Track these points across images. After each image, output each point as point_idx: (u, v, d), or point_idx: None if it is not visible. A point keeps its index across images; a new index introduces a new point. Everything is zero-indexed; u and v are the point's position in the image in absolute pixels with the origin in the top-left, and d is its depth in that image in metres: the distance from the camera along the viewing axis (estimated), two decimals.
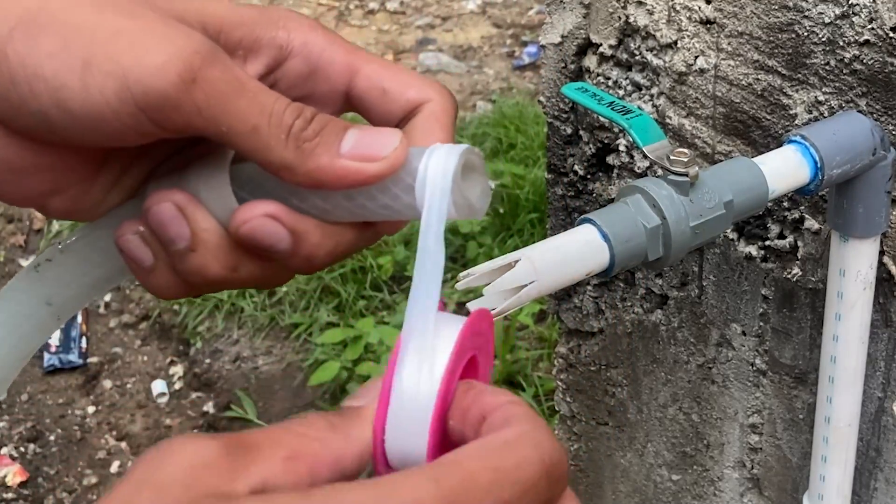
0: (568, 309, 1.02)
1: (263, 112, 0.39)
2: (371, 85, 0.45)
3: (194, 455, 0.32)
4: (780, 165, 0.65)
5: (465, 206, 0.40)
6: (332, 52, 0.45)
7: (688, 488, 0.99)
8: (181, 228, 0.42)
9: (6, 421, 2.30)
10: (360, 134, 0.40)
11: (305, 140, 0.40)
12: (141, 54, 0.38)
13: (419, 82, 0.45)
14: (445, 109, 0.45)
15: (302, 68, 0.45)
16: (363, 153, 0.40)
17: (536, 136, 2.87)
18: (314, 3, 4.34)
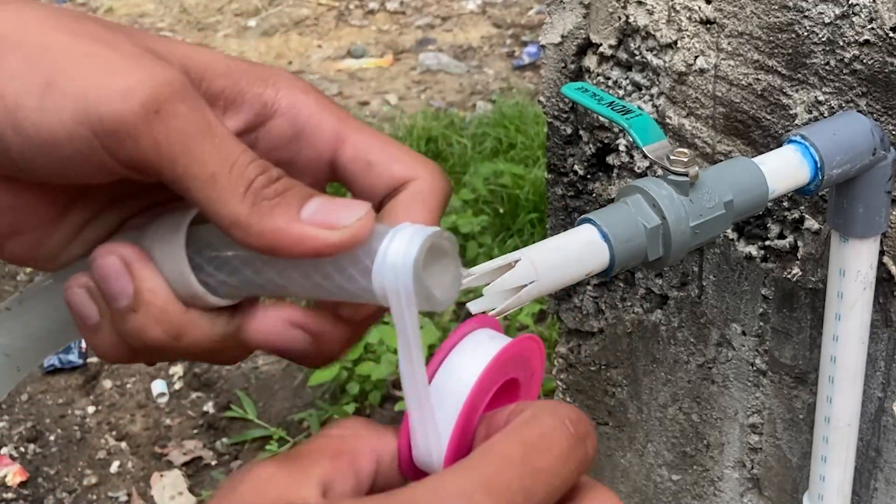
0: (568, 309, 1.02)
1: (226, 160, 0.37)
2: (357, 156, 0.43)
3: (258, 475, 0.34)
4: (780, 165, 0.65)
5: (424, 297, 0.37)
6: (321, 117, 0.43)
7: (688, 488, 0.99)
8: (124, 285, 0.39)
9: (6, 421, 2.30)
10: (324, 201, 0.38)
11: (264, 198, 0.37)
12: (108, 77, 0.36)
13: (409, 158, 0.43)
14: (434, 189, 0.42)
15: (286, 130, 0.42)
16: (322, 220, 0.37)
17: (536, 136, 2.87)
18: (314, 3, 4.34)
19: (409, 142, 2.96)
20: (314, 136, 0.43)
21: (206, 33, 4.14)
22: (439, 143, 2.98)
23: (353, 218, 0.37)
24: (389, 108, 3.46)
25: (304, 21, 4.21)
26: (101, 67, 0.36)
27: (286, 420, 2.22)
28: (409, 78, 3.71)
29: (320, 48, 3.99)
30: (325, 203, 0.38)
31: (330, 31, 4.12)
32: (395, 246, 0.37)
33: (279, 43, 4.04)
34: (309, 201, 0.37)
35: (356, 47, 3.94)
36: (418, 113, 3.26)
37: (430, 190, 0.42)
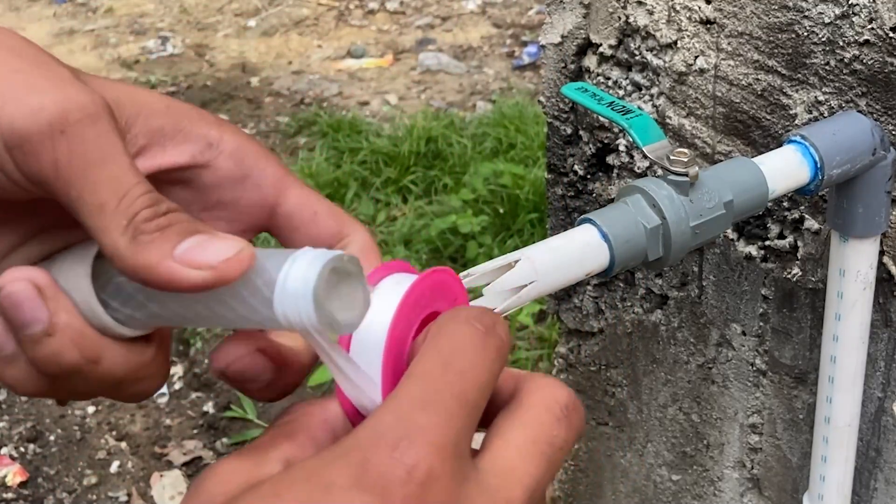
0: (568, 309, 1.02)
1: (117, 191, 0.37)
2: (303, 204, 0.44)
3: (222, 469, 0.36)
4: (780, 165, 0.65)
5: (327, 324, 0.37)
6: (266, 163, 0.44)
7: (688, 488, 0.99)
8: (37, 310, 0.38)
9: (6, 421, 2.30)
10: (203, 239, 0.37)
11: (143, 232, 0.37)
12: (26, 93, 0.37)
13: (345, 215, 0.45)
14: (372, 243, 0.45)
15: (233, 170, 0.43)
16: (191, 259, 0.37)
17: (536, 136, 2.87)
18: (314, 3, 4.34)
19: (410, 142, 2.96)
20: (260, 179, 0.43)
21: (206, 33, 4.14)
22: (439, 143, 2.97)
23: (221, 257, 0.37)
24: (389, 108, 3.46)
25: (304, 21, 4.21)
26: (24, 84, 0.37)
27: None
28: (409, 78, 3.71)
29: (320, 48, 3.99)
30: (203, 240, 0.37)
31: (330, 31, 4.12)
32: (295, 272, 0.36)
33: (279, 43, 4.04)
34: (188, 238, 0.37)
35: (356, 47, 3.94)
36: (418, 113, 3.26)
37: (370, 243, 0.45)
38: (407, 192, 2.85)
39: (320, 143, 3.14)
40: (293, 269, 0.36)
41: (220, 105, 3.57)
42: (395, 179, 2.88)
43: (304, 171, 2.93)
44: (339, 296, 0.38)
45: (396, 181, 2.88)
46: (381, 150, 2.96)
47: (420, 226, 2.63)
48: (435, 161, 2.93)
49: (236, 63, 3.88)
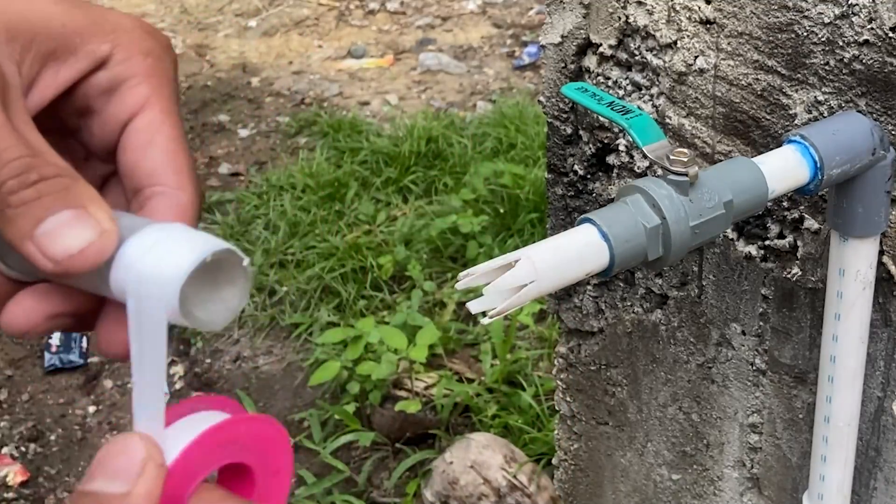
0: (568, 309, 1.02)
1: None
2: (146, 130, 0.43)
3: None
4: (779, 165, 0.65)
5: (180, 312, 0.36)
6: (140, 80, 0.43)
7: (688, 488, 0.99)
8: None
9: (7, 420, 2.30)
10: (66, 218, 0.37)
11: (8, 205, 0.37)
12: None
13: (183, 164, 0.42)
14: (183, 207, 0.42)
15: (104, 82, 0.43)
16: (45, 247, 0.37)
17: (536, 136, 2.87)
18: (314, 3, 4.34)
19: (410, 142, 2.96)
20: (126, 94, 0.43)
21: (206, 33, 4.14)
22: (439, 143, 2.97)
23: (76, 247, 0.37)
24: (390, 108, 3.46)
25: (305, 21, 4.21)
26: None
27: (286, 420, 2.22)
28: (409, 78, 3.71)
29: (321, 48, 3.99)
30: (67, 220, 0.37)
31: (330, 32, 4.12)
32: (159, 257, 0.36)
33: (280, 43, 4.04)
34: (53, 216, 0.37)
35: (356, 47, 3.94)
36: (418, 113, 3.26)
37: (182, 208, 0.42)
38: (407, 191, 2.85)
39: (321, 143, 3.14)
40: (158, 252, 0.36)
41: (221, 105, 3.57)
42: (396, 179, 2.88)
43: (305, 170, 2.93)
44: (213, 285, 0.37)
45: (397, 181, 2.88)
46: (382, 150, 2.96)
47: (420, 226, 2.63)
48: (435, 161, 2.93)
49: (237, 63, 3.88)
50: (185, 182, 0.42)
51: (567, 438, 1.10)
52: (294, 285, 2.51)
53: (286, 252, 2.63)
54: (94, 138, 0.44)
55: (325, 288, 2.50)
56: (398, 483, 2.02)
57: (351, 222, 2.72)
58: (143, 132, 0.43)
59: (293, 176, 2.92)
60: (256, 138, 3.35)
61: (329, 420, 2.16)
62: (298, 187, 2.87)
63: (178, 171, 0.42)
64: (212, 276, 0.37)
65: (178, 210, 0.42)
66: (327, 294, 2.50)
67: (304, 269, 2.56)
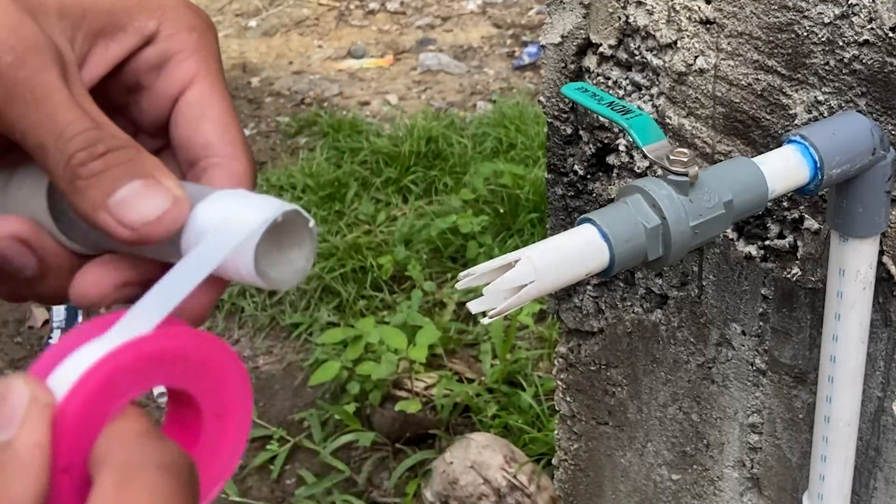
0: (568, 309, 1.02)
1: (54, 130, 0.37)
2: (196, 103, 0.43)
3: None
4: (779, 165, 0.65)
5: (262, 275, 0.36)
6: (188, 55, 0.43)
7: (688, 488, 0.99)
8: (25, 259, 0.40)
9: None
10: (137, 188, 0.38)
11: (79, 177, 0.37)
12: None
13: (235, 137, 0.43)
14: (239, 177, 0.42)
15: (153, 58, 0.43)
16: (121, 215, 0.37)
17: (536, 136, 2.87)
18: (315, 3, 4.34)
19: (410, 142, 2.96)
20: (174, 69, 0.43)
21: None
22: (439, 143, 2.97)
23: (151, 215, 0.37)
24: (390, 108, 3.46)
25: (305, 21, 4.21)
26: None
27: (286, 420, 2.22)
28: (409, 78, 3.71)
29: (321, 48, 3.99)
30: (138, 190, 0.38)
31: (330, 32, 4.12)
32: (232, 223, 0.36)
33: (280, 43, 4.04)
34: (124, 186, 0.38)
35: (356, 47, 3.94)
36: (418, 113, 3.26)
37: (239, 178, 0.42)
38: (407, 191, 2.85)
39: (321, 144, 3.14)
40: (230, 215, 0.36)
41: None
42: (396, 179, 2.88)
43: (305, 170, 2.93)
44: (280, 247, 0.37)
45: (397, 181, 2.88)
46: (382, 150, 2.96)
47: (420, 226, 2.63)
48: (435, 161, 2.93)
49: (237, 63, 3.88)
50: (239, 152, 0.43)
51: (567, 438, 1.10)
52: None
53: None
54: (144, 114, 0.45)
55: (325, 288, 2.50)
56: (398, 483, 2.01)
57: (351, 222, 2.72)
58: (194, 106, 0.43)
59: (293, 176, 2.92)
60: (256, 138, 3.35)
61: (329, 420, 2.15)
62: (298, 187, 2.87)
63: (231, 142, 0.43)
64: (278, 238, 0.37)
65: (235, 179, 0.42)
66: (327, 294, 2.50)
67: None
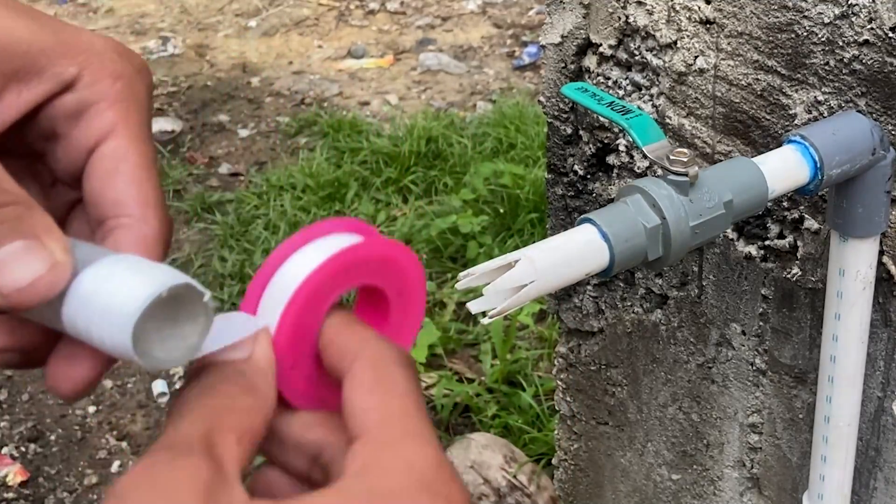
0: (568, 309, 1.02)
1: None
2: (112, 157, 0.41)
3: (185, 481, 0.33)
4: (779, 165, 0.65)
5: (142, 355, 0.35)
6: (110, 105, 0.41)
7: (688, 488, 0.99)
8: None
9: (7, 421, 2.30)
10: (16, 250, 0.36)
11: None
12: None
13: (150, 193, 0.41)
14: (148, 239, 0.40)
15: (71, 106, 0.41)
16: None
17: (536, 136, 2.87)
18: (314, 3, 4.34)
19: (410, 142, 2.96)
20: (93, 118, 0.41)
21: (206, 33, 4.14)
22: (439, 143, 2.97)
23: (25, 280, 0.36)
24: (390, 108, 3.46)
25: (305, 21, 4.21)
26: None
27: None
28: (409, 78, 3.71)
29: (321, 48, 3.99)
30: (17, 252, 0.36)
31: (330, 32, 4.12)
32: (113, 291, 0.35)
33: (280, 43, 4.04)
34: (2, 246, 0.36)
35: (356, 47, 3.94)
36: (418, 113, 3.26)
37: (148, 240, 0.40)
38: (407, 192, 2.85)
39: (321, 144, 3.14)
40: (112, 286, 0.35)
41: (221, 105, 3.57)
42: (396, 179, 2.88)
43: (305, 171, 2.93)
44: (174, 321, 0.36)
45: (397, 181, 2.88)
46: (382, 150, 2.96)
47: (420, 226, 2.63)
48: (435, 161, 2.93)
49: (237, 63, 3.88)
50: (150, 214, 0.41)
51: (567, 438, 1.10)
52: None
53: None
54: (60, 163, 0.43)
55: None
56: None
57: None
58: (107, 160, 0.41)
59: (293, 176, 2.92)
60: (256, 138, 3.35)
61: None
62: (298, 187, 2.87)
63: (143, 202, 0.41)
64: (172, 311, 0.36)
65: (141, 243, 0.40)
66: None
67: None
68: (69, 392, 0.38)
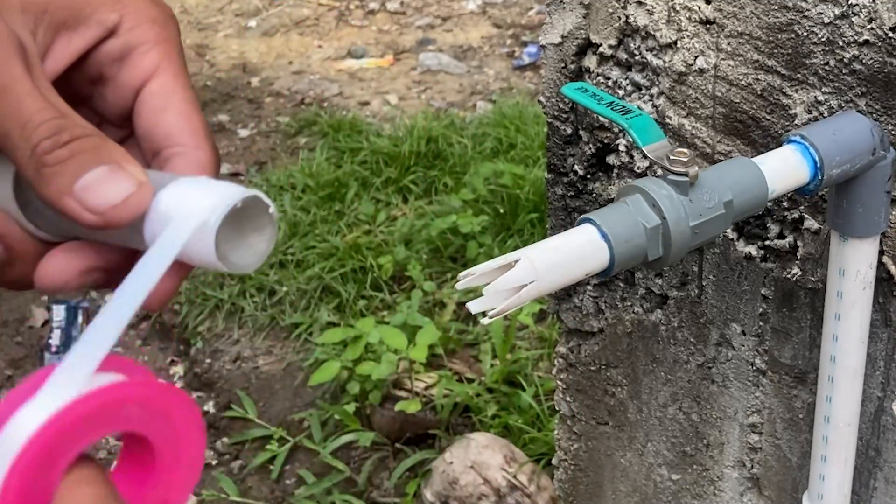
0: (568, 309, 1.02)
1: (18, 120, 0.39)
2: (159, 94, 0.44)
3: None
4: (779, 165, 0.65)
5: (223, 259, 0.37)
6: (151, 46, 0.44)
7: (688, 488, 0.99)
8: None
9: None
10: (102, 173, 0.39)
11: (44, 165, 0.38)
12: None
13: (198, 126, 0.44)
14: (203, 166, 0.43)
15: (116, 50, 0.44)
16: (86, 200, 0.38)
17: (536, 136, 2.87)
18: (314, 3, 4.34)
19: (410, 142, 2.96)
20: (138, 59, 0.44)
21: (206, 33, 4.14)
22: (439, 143, 2.97)
23: (116, 199, 0.38)
24: (390, 108, 3.46)
25: (305, 21, 4.21)
26: None
27: (286, 420, 2.22)
28: (409, 78, 3.71)
29: (321, 48, 3.99)
30: (103, 176, 0.39)
31: (330, 32, 4.12)
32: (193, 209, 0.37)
33: (280, 43, 4.04)
34: (89, 172, 0.39)
35: (356, 47, 3.94)
36: (418, 113, 3.26)
37: (203, 167, 0.43)
38: (407, 191, 2.85)
39: (321, 143, 3.14)
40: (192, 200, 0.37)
41: (221, 105, 3.57)
42: (396, 179, 2.88)
43: (305, 170, 2.93)
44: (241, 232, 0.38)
45: (397, 181, 2.88)
46: (382, 150, 2.96)
47: (420, 226, 2.63)
48: (435, 161, 2.93)
49: (237, 63, 3.88)
50: (201, 141, 0.44)
51: (567, 438, 1.10)
52: (294, 285, 2.51)
53: (286, 252, 2.63)
54: (108, 105, 0.45)
55: (325, 288, 2.50)
56: (398, 483, 2.02)
57: (351, 222, 2.72)
58: (157, 96, 0.44)
59: (293, 176, 2.92)
60: (256, 138, 3.35)
61: (329, 420, 2.16)
62: (298, 187, 2.87)
63: (193, 132, 0.44)
64: (239, 223, 0.38)
65: (198, 167, 0.43)
66: (327, 294, 2.50)
67: (304, 269, 2.56)
68: (155, 303, 0.41)
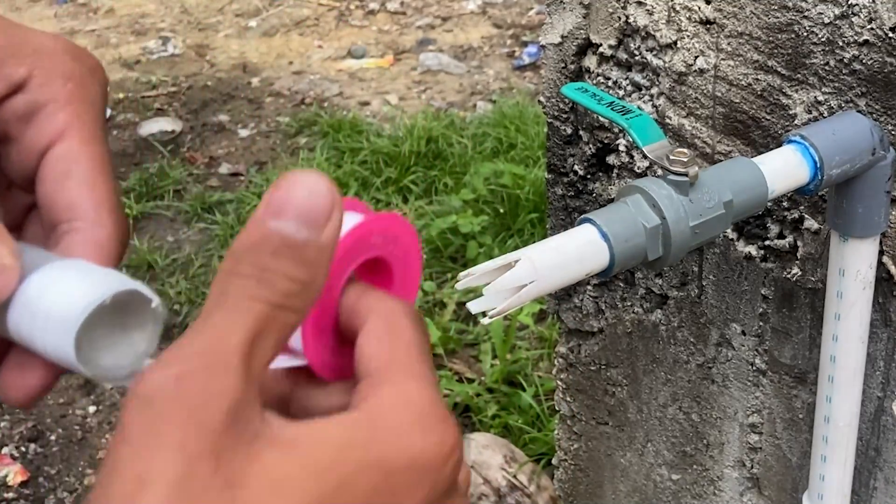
0: (568, 309, 1.02)
1: None
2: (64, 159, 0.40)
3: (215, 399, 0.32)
4: (779, 165, 0.66)
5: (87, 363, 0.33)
6: (60, 107, 0.40)
7: (687, 488, 0.99)
8: None
9: (7, 421, 2.30)
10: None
11: None
12: None
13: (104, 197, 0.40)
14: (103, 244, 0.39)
15: (21, 108, 0.41)
16: None
17: (536, 136, 2.87)
18: (315, 3, 4.34)
19: (410, 142, 2.96)
20: (44, 121, 0.40)
21: (206, 33, 4.14)
22: (439, 143, 2.97)
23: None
24: (390, 109, 3.46)
25: (305, 21, 4.21)
26: None
27: None
28: (409, 78, 3.71)
29: (321, 48, 3.99)
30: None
31: (330, 32, 4.12)
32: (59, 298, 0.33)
33: (280, 43, 4.04)
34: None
35: (357, 47, 3.94)
36: (419, 113, 3.26)
37: (103, 245, 0.39)
38: (407, 191, 2.85)
39: (321, 144, 3.14)
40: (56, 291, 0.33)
41: (221, 105, 3.57)
42: (396, 179, 2.88)
43: None
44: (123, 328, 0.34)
45: (397, 181, 2.88)
46: (382, 150, 2.96)
47: (420, 226, 2.63)
48: (435, 161, 2.93)
49: (237, 63, 3.88)
50: (103, 217, 0.39)
51: (567, 438, 1.10)
52: None
53: None
54: (14, 166, 0.42)
55: None
56: None
57: None
58: (59, 162, 0.40)
59: None
60: (256, 138, 3.35)
61: None
62: None
63: (96, 206, 0.39)
64: (120, 318, 0.34)
65: (95, 246, 0.39)
66: None
67: None
68: (21, 400, 0.37)
